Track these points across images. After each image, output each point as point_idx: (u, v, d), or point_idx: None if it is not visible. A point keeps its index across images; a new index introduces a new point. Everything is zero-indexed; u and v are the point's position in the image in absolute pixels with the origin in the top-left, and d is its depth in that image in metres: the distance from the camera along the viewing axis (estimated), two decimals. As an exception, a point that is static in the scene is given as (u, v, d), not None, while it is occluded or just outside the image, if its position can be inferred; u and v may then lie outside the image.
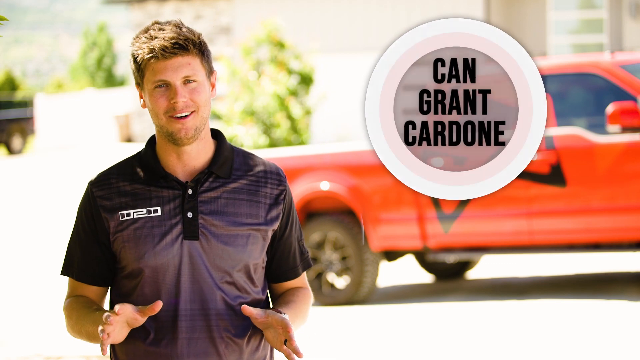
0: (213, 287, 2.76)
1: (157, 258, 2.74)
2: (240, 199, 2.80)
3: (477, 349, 7.48)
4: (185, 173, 2.80)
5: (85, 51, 53.07)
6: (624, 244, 8.89)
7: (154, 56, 2.72)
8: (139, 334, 2.78)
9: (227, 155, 2.85)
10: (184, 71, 2.74)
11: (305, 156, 10.01)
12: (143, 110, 29.35)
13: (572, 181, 8.86)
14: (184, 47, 2.74)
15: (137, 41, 2.77)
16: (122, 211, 2.77)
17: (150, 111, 2.78)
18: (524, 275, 10.76)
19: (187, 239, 2.75)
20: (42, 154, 30.30)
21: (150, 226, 2.76)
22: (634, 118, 8.66)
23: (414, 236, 9.29)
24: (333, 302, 9.56)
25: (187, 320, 2.75)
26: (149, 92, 2.75)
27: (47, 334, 8.75)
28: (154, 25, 2.78)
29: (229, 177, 2.82)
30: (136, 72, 2.79)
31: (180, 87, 2.73)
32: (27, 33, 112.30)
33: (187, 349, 2.75)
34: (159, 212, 2.76)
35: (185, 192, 2.77)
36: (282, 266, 2.92)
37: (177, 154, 2.79)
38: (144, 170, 2.81)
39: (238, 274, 2.79)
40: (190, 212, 2.76)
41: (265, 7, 24.94)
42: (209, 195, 2.78)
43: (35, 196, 20.23)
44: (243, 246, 2.78)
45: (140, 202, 2.77)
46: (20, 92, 45.82)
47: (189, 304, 2.76)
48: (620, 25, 24.28)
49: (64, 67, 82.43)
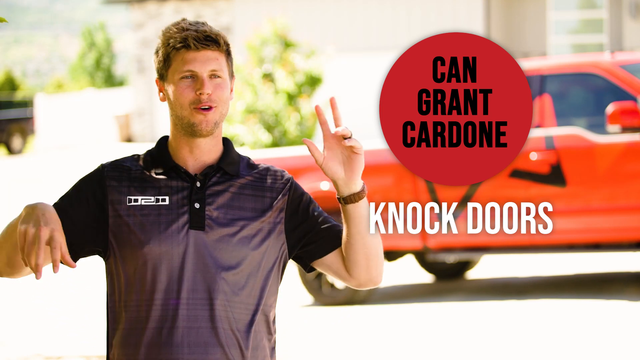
0: (217, 278, 2.77)
1: (162, 245, 2.76)
2: (245, 194, 2.85)
3: (477, 349, 7.48)
4: (195, 167, 2.84)
5: (85, 51, 53.07)
6: (624, 244, 8.89)
7: (185, 45, 2.77)
8: (138, 323, 2.78)
9: (234, 157, 2.90)
10: (212, 65, 2.79)
11: (305, 156, 10.01)
12: (143, 110, 29.34)
13: (572, 181, 8.86)
14: (215, 41, 2.79)
15: (166, 32, 2.82)
16: (130, 196, 2.80)
17: (173, 102, 2.81)
18: (524, 275, 10.76)
19: (193, 228, 2.78)
20: (42, 154, 30.30)
21: (157, 214, 2.78)
22: (634, 118, 8.66)
23: (414, 236, 9.29)
24: (333, 302, 9.56)
25: (189, 309, 2.76)
26: (174, 82, 2.79)
27: (47, 334, 8.75)
28: (183, 21, 2.83)
29: (237, 174, 2.86)
30: (162, 62, 2.82)
31: (206, 80, 2.78)
32: (27, 33, 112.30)
33: (187, 338, 2.75)
34: (167, 201, 2.80)
35: (193, 184, 2.81)
36: (328, 234, 2.89)
37: (190, 147, 2.83)
38: (155, 162, 2.85)
39: (242, 265, 2.80)
40: (197, 203, 2.79)
41: (266, 7, 24.93)
42: (216, 189, 2.83)
43: (36, 196, 20.23)
44: (248, 238, 2.80)
45: (149, 189, 2.81)
46: (20, 92, 45.84)
47: (192, 293, 2.76)
48: (620, 25, 24.28)
49: (64, 67, 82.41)
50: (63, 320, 9.37)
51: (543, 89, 9.09)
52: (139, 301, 2.78)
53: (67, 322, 9.21)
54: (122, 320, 2.80)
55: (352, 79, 25.13)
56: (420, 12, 24.97)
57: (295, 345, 7.79)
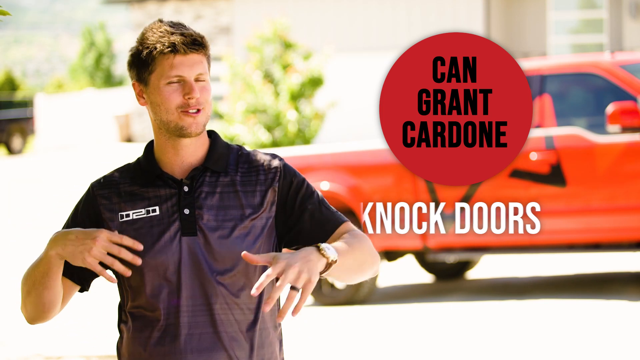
0: (214, 282, 2.76)
1: (157, 256, 2.75)
2: (235, 191, 2.81)
3: (477, 349, 7.48)
4: (182, 170, 2.81)
5: (84, 51, 53.05)
6: (624, 244, 8.89)
7: (173, 50, 2.73)
8: (142, 333, 2.79)
9: (221, 151, 2.85)
10: (198, 69, 2.76)
11: (305, 156, 10.01)
12: (143, 110, 29.32)
13: (572, 181, 8.86)
14: (202, 44, 2.77)
15: (150, 36, 2.76)
16: (121, 212, 2.79)
17: (158, 107, 2.77)
18: (524, 275, 10.76)
19: (185, 235, 2.76)
20: (42, 154, 30.28)
21: (150, 226, 2.77)
22: (634, 118, 8.66)
23: (414, 236, 9.29)
24: (333, 302, 9.56)
25: (190, 316, 2.76)
26: (159, 87, 2.75)
27: (47, 334, 8.74)
28: (163, 23, 2.78)
29: (224, 171, 2.82)
30: (141, 67, 2.77)
31: (194, 84, 2.75)
32: (27, 33, 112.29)
33: (191, 344, 2.75)
34: (157, 211, 2.78)
35: (181, 189, 2.79)
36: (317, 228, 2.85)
37: (176, 149, 2.80)
38: (142, 172, 2.83)
39: (239, 266, 2.78)
40: (187, 209, 2.77)
41: (265, 7, 24.92)
42: (204, 190, 2.79)
43: (36, 196, 20.23)
44: (241, 238, 2.78)
45: (139, 202, 2.79)
46: (20, 92, 45.84)
47: (191, 300, 2.76)
48: (620, 25, 24.27)
49: (64, 67, 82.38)
50: (63, 320, 9.37)
51: (543, 89, 9.09)
52: (143, 310, 2.78)
53: (67, 322, 9.21)
54: (130, 326, 2.81)
55: (352, 79, 25.12)
56: (420, 12, 24.96)
57: (295, 345, 7.79)
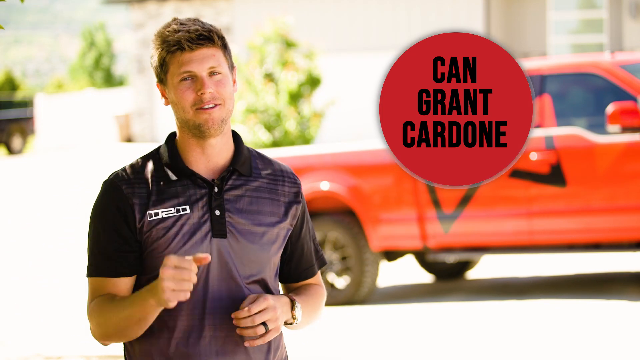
0: (241, 285, 2.76)
1: (186, 256, 2.70)
2: (262, 197, 2.81)
3: (477, 349, 7.48)
4: (209, 170, 2.79)
5: (84, 51, 53.08)
6: (624, 244, 8.88)
7: (179, 48, 2.72)
8: (164, 333, 2.75)
9: (246, 154, 2.85)
10: (210, 62, 2.74)
11: (305, 156, 10.01)
12: (143, 110, 29.33)
13: (572, 181, 8.86)
14: (209, 38, 2.74)
15: (159, 36, 2.76)
16: (149, 210, 2.74)
17: (176, 106, 2.76)
18: (524, 275, 10.76)
19: (216, 236, 2.74)
20: (42, 154, 30.28)
21: (180, 224, 2.74)
22: (634, 118, 8.66)
23: (414, 236, 9.29)
24: (333, 302, 9.56)
25: (215, 318, 2.74)
26: (174, 86, 2.74)
27: (47, 334, 8.74)
28: (174, 21, 2.77)
29: (250, 175, 2.82)
30: (159, 68, 2.77)
31: (206, 79, 2.73)
32: (27, 33, 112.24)
33: (215, 346, 2.74)
34: (187, 210, 2.75)
35: (211, 190, 2.77)
36: (300, 265, 2.93)
37: (202, 148, 2.78)
38: (168, 169, 2.79)
39: (265, 272, 2.80)
40: (217, 210, 2.75)
41: (266, 7, 24.92)
42: (234, 193, 2.79)
43: (36, 196, 20.22)
44: (269, 244, 2.79)
45: (168, 200, 2.75)
46: (20, 92, 45.85)
47: (217, 302, 2.74)
48: (620, 25, 24.27)
49: (64, 67, 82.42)
50: (63, 320, 9.37)
51: (543, 89, 9.09)
52: (166, 312, 2.71)
53: (67, 322, 9.21)
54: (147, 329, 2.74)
55: (352, 79, 25.12)
56: (420, 12, 24.96)
57: (295, 345, 7.79)
